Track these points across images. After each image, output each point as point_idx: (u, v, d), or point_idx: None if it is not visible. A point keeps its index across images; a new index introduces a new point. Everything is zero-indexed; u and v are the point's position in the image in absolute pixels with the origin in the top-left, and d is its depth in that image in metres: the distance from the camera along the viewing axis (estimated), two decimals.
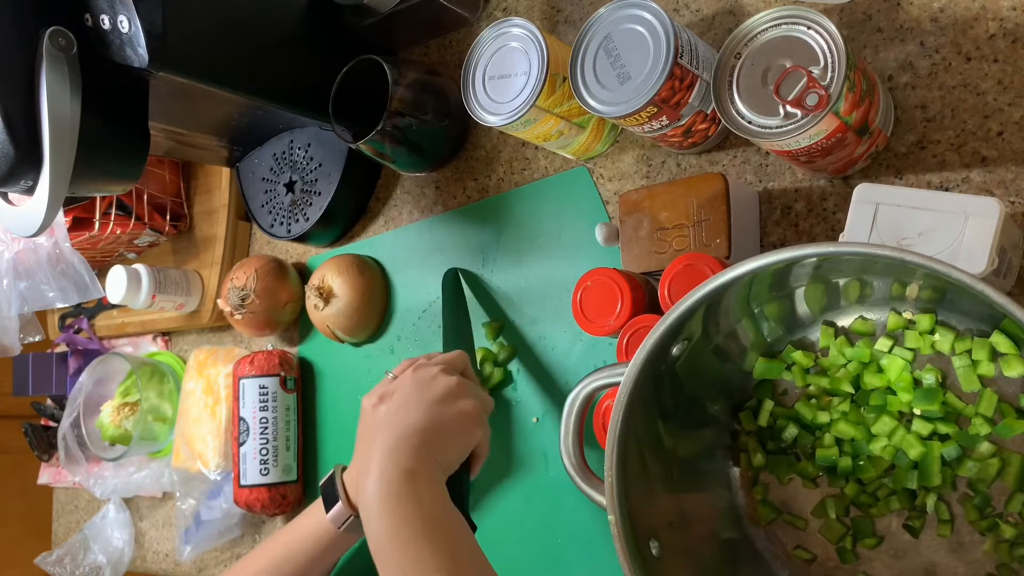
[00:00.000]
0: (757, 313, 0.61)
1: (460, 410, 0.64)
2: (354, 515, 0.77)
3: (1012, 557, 0.55)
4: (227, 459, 1.00)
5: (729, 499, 0.66)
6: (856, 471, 0.60)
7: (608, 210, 0.79)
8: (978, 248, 0.52)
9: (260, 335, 1.03)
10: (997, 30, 0.61)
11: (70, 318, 1.26)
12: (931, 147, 0.63)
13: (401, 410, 0.64)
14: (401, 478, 0.58)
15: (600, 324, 0.68)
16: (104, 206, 1.05)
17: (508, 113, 0.71)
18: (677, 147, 0.73)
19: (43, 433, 1.29)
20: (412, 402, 0.64)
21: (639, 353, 0.56)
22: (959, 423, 0.57)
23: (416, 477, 0.58)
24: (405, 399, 0.65)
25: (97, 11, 0.69)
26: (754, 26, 0.59)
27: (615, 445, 0.56)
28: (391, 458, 0.59)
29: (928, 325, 0.57)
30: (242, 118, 0.92)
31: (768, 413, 0.63)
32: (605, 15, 0.66)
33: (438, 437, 0.62)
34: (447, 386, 0.65)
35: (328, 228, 0.97)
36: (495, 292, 0.86)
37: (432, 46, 0.94)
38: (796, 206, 0.69)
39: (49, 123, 0.66)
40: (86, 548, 1.18)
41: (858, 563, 0.61)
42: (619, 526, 0.55)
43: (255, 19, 0.82)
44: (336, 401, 0.99)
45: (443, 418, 0.63)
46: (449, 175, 0.91)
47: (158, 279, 1.05)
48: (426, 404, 0.63)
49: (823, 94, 0.55)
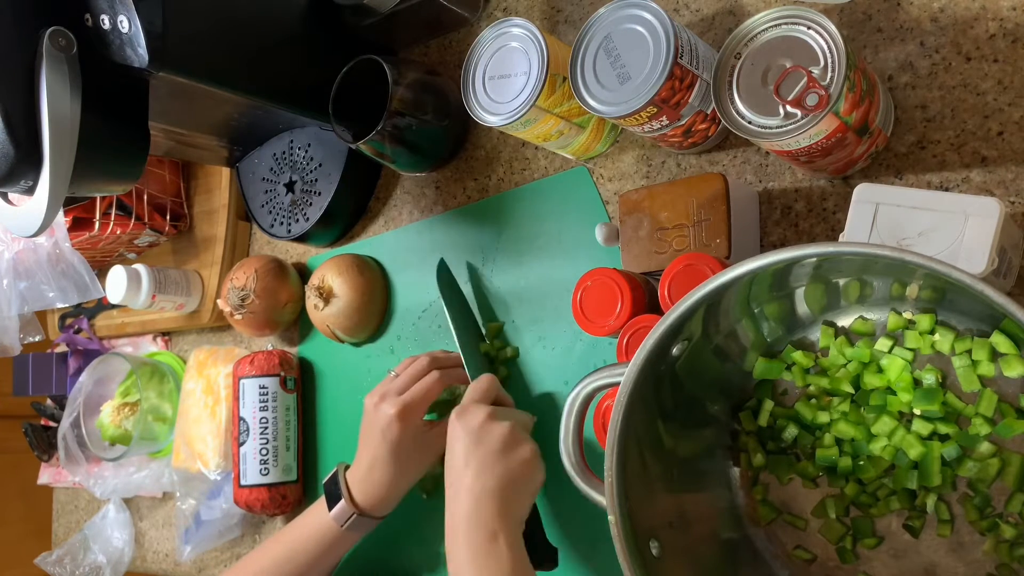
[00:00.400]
0: (757, 313, 0.61)
1: (522, 460, 0.68)
2: (356, 513, 0.77)
3: (1012, 557, 0.55)
4: (227, 459, 1.00)
5: (729, 499, 0.66)
6: (856, 471, 0.60)
7: (608, 210, 0.79)
8: (978, 248, 0.52)
9: (260, 335, 1.03)
10: (997, 30, 0.61)
11: (70, 318, 1.26)
12: (931, 147, 0.63)
13: (468, 468, 0.67)
14: (485, 542, 0.64)
15: (600, 324, 0.68)
16: (104, 206, 1.05)
17: (508, 113, 0.71)
18: (677, 147, 0.73)
19: (43, 433, 1.29)
20: (475, 459, 0.67)
21: (639, 353, 0.56)
22: (959, 423, 0.57)
23: (498, 538, 0.64)
24: (466, 454, 0.68)
25: (97, 11, 0.69)
26: (754, 26, 0.59)
27: (615, 445, 0.56)
28: (474, 522, 0.65)
29: (928, 325, 0.57)
30: (242, 118, 0.92)
31: (768, 413, 0.63)
32: (605, 15, 0.66)
33: (511, 495, 0.66)
34: (502, 437, 0.68)
35: (328, 228, 0.97)
36: (495, 292, 0.86)
37: (432, 46, 0.94)
38: (796, 206, 0.69)
39: (49, 123, 0.66)
40: (86, 548, 1.18)
41: (858, 563, 0.61)
42: (619, 526, 0.55)
43: (255, 19, 0.82)
44: (336, 401, 0.99)
45: (510, 474, 0.67)
46: (449, 175, 0.91)
47: (158, 279, 1.05)
48: (490, 463, 0.67)
49: (823, 94, 0.55)
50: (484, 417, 0.69)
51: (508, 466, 0.67)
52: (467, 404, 0.72)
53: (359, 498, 0.78)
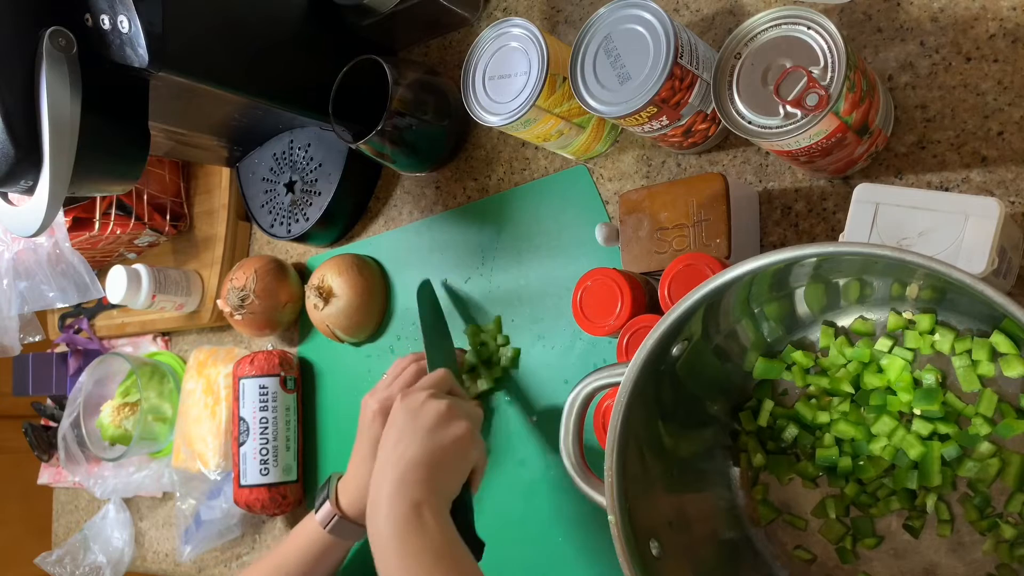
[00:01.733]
0: (757, 313, 0.61)
1: (454, 436, 0.67)
2: (339, 515, 0.78)
3: (1012, 557, 0.55)
4: (227, 459, 1.00)
5: (729, 499, 0.66)
6: (856, 471, 0.60)
7: (608, 210, 0.79)
8: (978, 248, 0.52)
9: (260, 335, 1.03)
10: (997, 30, 0.61)
11: (70, 318, 1.26)
12: (931, 147, 0.63)
13: (400, 443, 0.66)
14: (408, 512, 0.61)
15: (600, 324, 0.68)
16: (104, 206, 1.05)
17: (508, 113, 0.71)
18: (677, 147, 0.73)
19: (43, 433, 1.29)
20: (407, 434, 0.67)
21: (639, 353, 0.56)
22: (959, 423, 0.57)
23: (422, 510, 0.61)
24: (400, 431, 0.67)
25: (97, 11, 0.69)
26: (754, 26, 0.59)
27: (615, 445, 0.56)
28: (398, 494, 0.62)
29: (928, 325, 0.57)
30: (242, 118, 0.92)
31: (768, 413, 0.63)
32: (605, 15, 0.66)
33: (438, 468, 0.65)
34: (437, 412, 0.68)
35: (328, 228, 0.97)
36: (495, 291, 0.86)
37: (432, 46, 0.94)
38: (796, 206, 0.69)
39: (49, 123, 0.66)
40: (86, 548, 1.18)
41: (858, 563, 0.61)
42: (619, 526, 0.55)
43: (255, 19, 0.82)
44: (336, 401, 0.99)
45: (439, 448, 0.66)
46: (449, 175, 0.91)
47: (158, 279, 1.05)
48: (421, 435, 0.66)
49: (823, 94, 0.55)
50: (425, 396, 0.69)
51: (439, 440, 0.66)
52: (413, 388, 0.72)
53: (343, 500, 0.78)
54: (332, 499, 0.78)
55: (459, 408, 0.69)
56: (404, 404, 0.70)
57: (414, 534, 0.60)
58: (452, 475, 0.66)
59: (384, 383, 0.79)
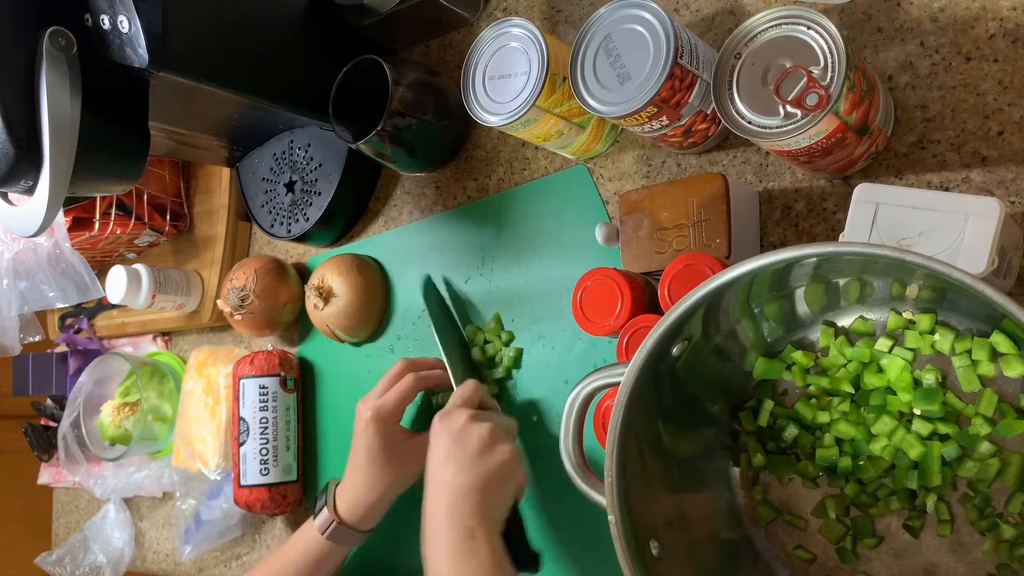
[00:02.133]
0: (757, 313, 0.61)
1: (499, 461, 0.69)
2: (336, 521, 0.78)
3: (1012, 557, 0.55)
4: (227, 459, 1.00)
5: (729, 499, 0.66)
6: (856, 471, 0.60)
7: (608, 210, 0.79)
8: (978, 248, 0.52)
9: (260, 335, 1.03)
10: (997, 30, 0.61)
11: (70, 318, 1.26)
12: (931, 147, 0.63)
13: (447, 467, 0.68)
14: (463, 536, 0.64)
15: (600, 324, 0.68)
16: (104, 206, 1.05)
17: (508, 113, 0.71)
18: (677, 147, 0.73)
19: (43, 433, 1.29)
20: (454, 460, 0.68)
21: (639, 353, 0.56)
22: (959, 423, 0.57)
23: (475, 534, 0.65)
24: (446, 454, 0.69)
25: (97, 11, 0.69)
26: (754, 26, 0.59)
27: (615, 445, 0.56)
28: (451, 520, 0.66)
29: (928, 325, 0.57)
30: (242, 118, 0.92)
31: (768, 413, 0.63)
32: (605, 15, 0.66)
33: (487, 494, 0.67)
34: (480, 438, 0.69)
35: (328, 228, 0.97)
36: (495, 291, 0.86)
37: (432, 46, 0.94)
38: (796, 206, 0.69)
39: (49, 123, 0.66)
40: (86, 548, 1.18)
41: (858, 563, 0.61)
42: (619, 526, 0.55)
43: (255, 19, 0.82)
44: (336, 401, 0.99)
45: (488, 474, 0.68)
46: (449, 175, 0.91)
47: (158, 279, 1.05)
48: (467, 462, 0.68)
49: (823, 94, 0.55)
50: (465, 419, 0.71)
51: (486, 466, 0.68)
52: (450, 408, 0.73)
53: (340, 506, 0.79)
54: (330, 506, 0.79)
55: (500, 429, 0.71)
56: (445, 427, 0.71)
57: (467, 556, 0.64)
58: (501, 499, 0.69)
59: (378, 391, 0.80)
